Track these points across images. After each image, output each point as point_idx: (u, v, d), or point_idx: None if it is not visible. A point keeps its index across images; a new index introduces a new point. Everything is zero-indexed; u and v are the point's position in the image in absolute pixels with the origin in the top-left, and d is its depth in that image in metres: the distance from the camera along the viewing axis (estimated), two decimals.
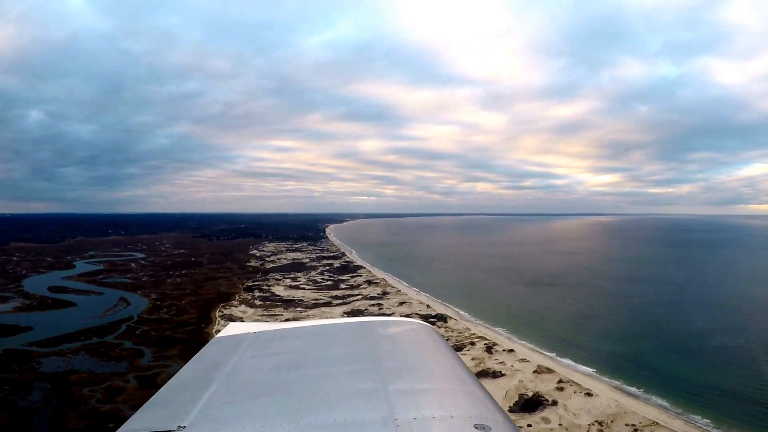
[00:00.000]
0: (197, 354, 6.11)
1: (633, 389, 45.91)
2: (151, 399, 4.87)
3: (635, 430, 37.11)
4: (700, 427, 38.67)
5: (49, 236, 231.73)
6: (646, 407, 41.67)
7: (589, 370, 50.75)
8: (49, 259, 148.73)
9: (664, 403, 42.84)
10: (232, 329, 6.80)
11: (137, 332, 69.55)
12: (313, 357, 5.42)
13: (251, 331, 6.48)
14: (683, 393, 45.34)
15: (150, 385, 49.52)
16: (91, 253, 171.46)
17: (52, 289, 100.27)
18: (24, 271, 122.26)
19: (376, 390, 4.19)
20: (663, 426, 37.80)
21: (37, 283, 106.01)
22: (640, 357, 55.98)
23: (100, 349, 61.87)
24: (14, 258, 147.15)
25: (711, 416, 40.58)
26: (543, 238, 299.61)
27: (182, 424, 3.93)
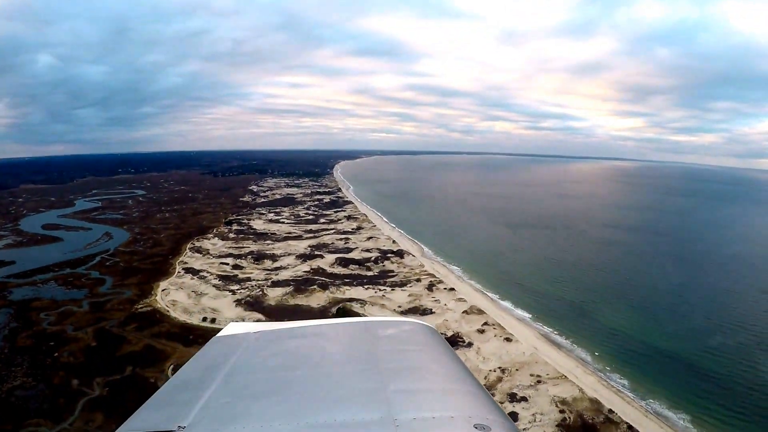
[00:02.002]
0: (197, 354, 6.11)
1: (561, 339, 44.37)
2: (150, 399, 4.81)
3: (538, 380, 36.08)
4: (612, 387, 36.37)
5: (59, 177, 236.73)
6: (564, 359, 40.14)
7: (525, 315, 50.06)
8: (52, 198, 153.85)
9: (587, 357, 40.98)
10: (232, 329, 6.77)
11: (107, 263, 72.62)
12: (313, 357, 5.48)
13: (251, 331, 6.52)
14: (615, 349, 42.52)
15: (99, 309, 52.73)
16: (94, 191, 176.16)
17: (46, 226, 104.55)
18: (25, 211, 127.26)
19: (376, 390, 4.27)
20: (570, 381, 36.25)
21: (33, 222, 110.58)
22: (588, 307, 53.57)
23: (68, 278, 65.40)
24: (20, 199, 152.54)
25: (632, 377, 37.78)
26: (552, 180, 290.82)
27: (182, 424, 3.99)
